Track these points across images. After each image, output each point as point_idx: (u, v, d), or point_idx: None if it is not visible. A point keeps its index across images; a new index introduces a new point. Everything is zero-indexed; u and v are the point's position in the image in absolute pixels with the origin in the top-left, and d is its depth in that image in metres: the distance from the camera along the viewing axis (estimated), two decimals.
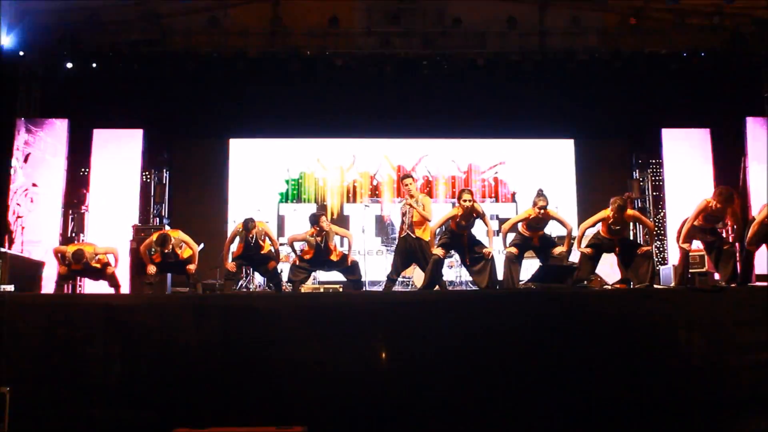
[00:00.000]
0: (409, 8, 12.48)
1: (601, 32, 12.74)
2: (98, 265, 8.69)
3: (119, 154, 12.69)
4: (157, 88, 12.86)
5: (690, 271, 9.65)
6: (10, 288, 8.95)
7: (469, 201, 7.99)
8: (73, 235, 12.39)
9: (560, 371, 6.67)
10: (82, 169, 12.82)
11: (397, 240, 8.87)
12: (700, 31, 12.47)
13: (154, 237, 8.66)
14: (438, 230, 8.41)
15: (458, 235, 8.19)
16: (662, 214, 13.17)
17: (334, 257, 8.71)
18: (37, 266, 10.43)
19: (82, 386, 6.63)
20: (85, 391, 6.62)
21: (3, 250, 10.17)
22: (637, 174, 13.67)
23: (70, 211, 12.56)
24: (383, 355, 6.70)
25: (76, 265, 8.53)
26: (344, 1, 11.64)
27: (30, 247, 11.63)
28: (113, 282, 8.88)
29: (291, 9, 12.35)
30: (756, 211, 9.19)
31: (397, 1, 12.23)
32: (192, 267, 8.73)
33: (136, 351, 6.71)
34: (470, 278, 8.97)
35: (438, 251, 8.14)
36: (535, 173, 13.48)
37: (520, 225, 8.28)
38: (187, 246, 8.74)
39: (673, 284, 9.69)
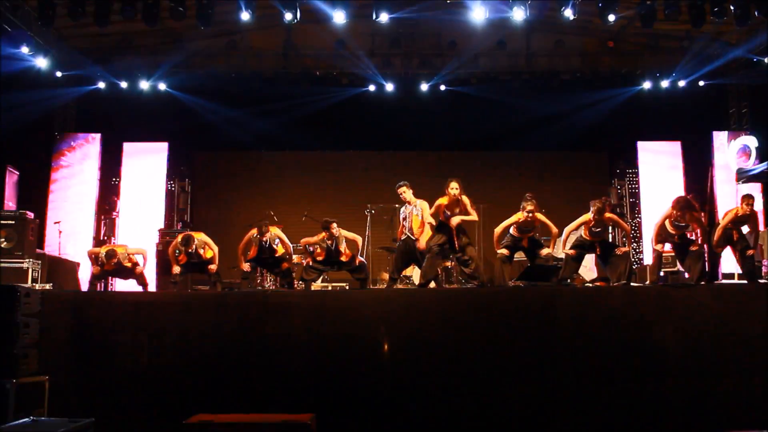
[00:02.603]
0: (409, 32, 12.57)
1: (582, 54, 12.81)
2: (129, 264, 8.69)
3: (146, 165, 12.77)
4: (181, 106, 12.91)
5: (663, 270, 9.64)
6: (48, 287, 8.97)
7: (456, 189, 7.82)
8: (105, 238, 12.45)
9: (546, 362, 6.68)
10: (113, 179, 12.92)
11: (398, 242, 8.85)
12: (672, 53, 12.50)
13: (179, 238, 8.68)
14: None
15: (445, 224, 7.96)
16: (638, 218, 13.17)
17: (343, 258, 8.70)
18: (72, 267, 10.46)
19: (113, 375, 6.66)
20: (115, 379, 6.65)
21: (42, 252, 10.19)
22: (616, 182, 13.72)
23: (102, 217, 12.63)
24: (386, 346, 6.71)
25: (108, 265, 8.53)
26: (350, 25, 11.65)
27: (66, 250, 11.66)
28: (141, 281, 8.88)
29: (302, 33, 12.41)
30: (721, 216, 9.20)
31: (398, 25, 12.27)
32: (213, 267, 8.73)
33: (161, 343, 6.74)
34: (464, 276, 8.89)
35: (433, 243, 7.93)
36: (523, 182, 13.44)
37: (511, 228, 8.25)
38: (208, 247, 8.74)
39: (647, 282, 9.68)
